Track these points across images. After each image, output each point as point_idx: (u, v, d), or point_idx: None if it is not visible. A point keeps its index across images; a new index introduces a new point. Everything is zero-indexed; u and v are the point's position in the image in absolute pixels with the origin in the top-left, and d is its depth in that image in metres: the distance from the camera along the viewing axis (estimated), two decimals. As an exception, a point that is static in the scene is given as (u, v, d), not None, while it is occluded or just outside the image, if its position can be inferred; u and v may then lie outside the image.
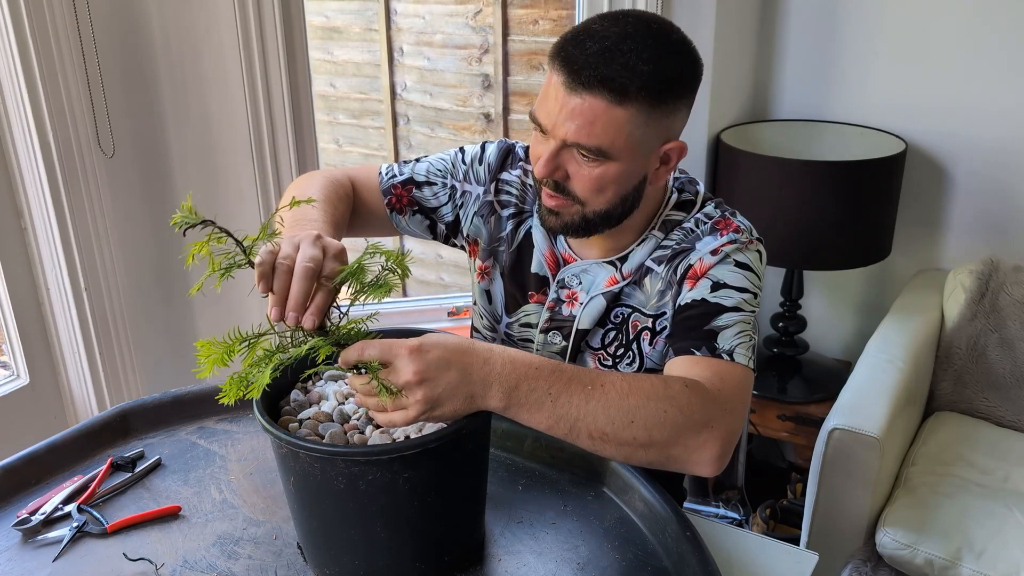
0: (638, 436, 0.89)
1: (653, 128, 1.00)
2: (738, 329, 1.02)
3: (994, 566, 1.51)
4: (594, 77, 0.95)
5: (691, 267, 1.07)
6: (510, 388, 0.86)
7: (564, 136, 0.99)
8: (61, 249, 1.63)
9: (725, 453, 0.93)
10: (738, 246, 1.07)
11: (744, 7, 2.18)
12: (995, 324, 1.91)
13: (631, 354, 1.15)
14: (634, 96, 0.96)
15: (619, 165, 1.01)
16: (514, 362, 0.87)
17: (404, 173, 1.23)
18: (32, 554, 0.95)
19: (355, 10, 3.52)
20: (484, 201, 1.22)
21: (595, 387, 0.89)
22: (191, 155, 1.79)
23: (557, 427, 0.88)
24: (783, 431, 2.12)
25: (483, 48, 3.26)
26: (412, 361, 0.82)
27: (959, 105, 2.10)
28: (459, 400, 0.84)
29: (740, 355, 1.00)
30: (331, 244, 0.87)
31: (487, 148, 1.24)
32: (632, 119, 0.97)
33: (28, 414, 1.71)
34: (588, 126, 0.97)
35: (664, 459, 0.91)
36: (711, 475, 0.93)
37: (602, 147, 0.98)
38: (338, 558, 0.87)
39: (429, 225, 1.24)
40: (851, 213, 1.97)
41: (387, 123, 3.60)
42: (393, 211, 1.23)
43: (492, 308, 1.25)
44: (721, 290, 1.04)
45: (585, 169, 1.01)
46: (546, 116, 1.01)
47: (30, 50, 1.51)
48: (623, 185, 1.03)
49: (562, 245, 1.18)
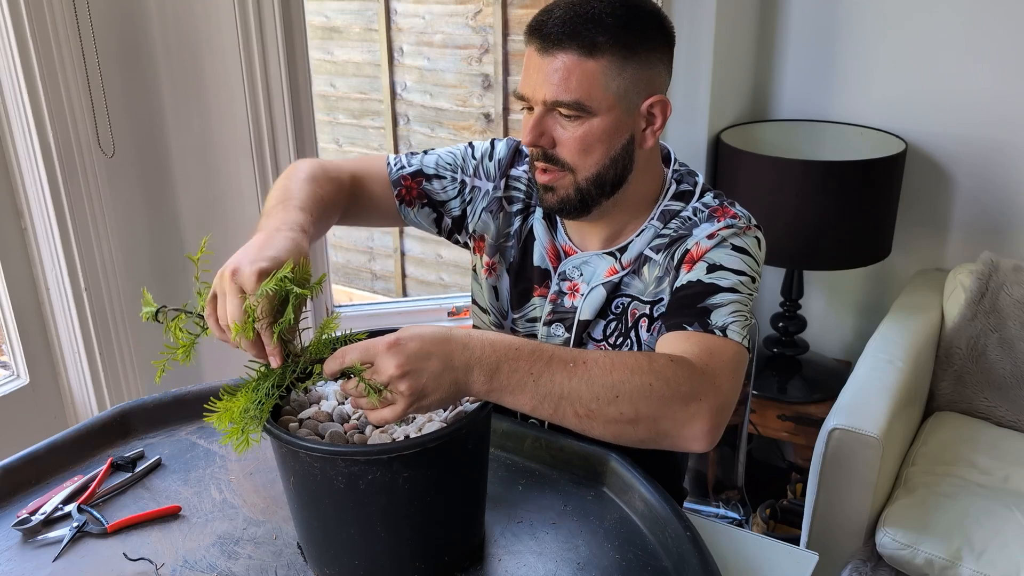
0: (624, 411, 0.88)
1: (629, 81, 1.03)
2: (733, 308, 1.02)
3: (994, 566, 1.51)
4: (563, 34, 1.00)
5: (688, 251, 1.08)
6: (491, 371, 0.86)
7: (544, 97, 1.03)
8: (61, 249, 1.63)
9: (716, 427, 0.92)
10: (735, 231, 1.08)
11: (744, 7, 2.18)
12: (995, 324, 1.91)
13: (629, 342, 1.15)
14: (604, 47, 1.00)
15: (601, 120, 1.03)
16: (494, 345, 0.87)
17: (413, 165, 1.23)
18: (32, 554, 0.95)
19: (355, 10, 3.52)
20: (493, 197, 1.23)
21: (577, 364, 0.89)
22: (191, 155, 1.79)
23: (542, 407, 0.88)
24: (783, 431, 2.12)
25: (483, 48, 3.26)
26: (393, 356, 0.82)
27: (959, 105, 2.10)
28: (445, 388, 0.84)
29: (734, 332, 1.00)
30: (246, 281, 0.84)
31: (497, 144, 1.24)
32: (606, 70, 1.01)
33: (28, 414, 1.71)
34: (563, 82, 1.01)
35: (655, 435, 0.91)
36: (704, 450, 0.92)
37: (580, 100, 1.01)
38: (338, 558, 0.87)
39: (436, 218, 1.25)
40: (851, 213, 1.97)
41: (387, 123, 3.60)
42: (403, 203, 1.23)
43: (499, 304, 1.25)
44: (717, 271, 1.05)
45: (569, 130, 1.04)
46: (527, 86, 1.05)
47: (30, 50, 1.51)
48: (609, 144, 1.05)
49: (562, 237, 1.19)
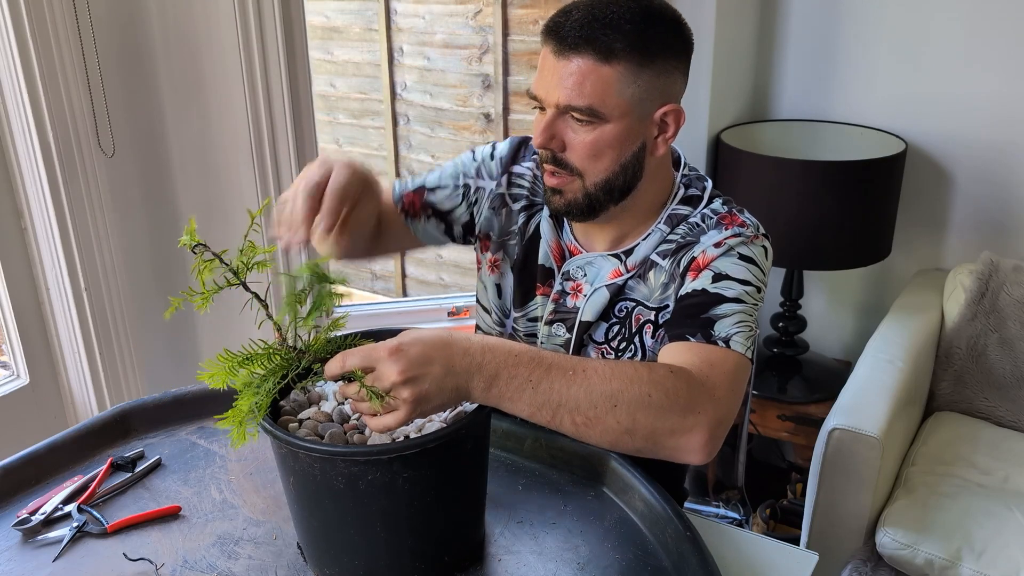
0: (622, 420, 0.88)
1: (644, 89, 1.02)
2: (737, 319, 1.01)
3: (994, 566, 1.51)
4: (580, 38, 0.99)
5: (694, 259, 1.07)
6: (491, 377, 0.86)
7: (557, 100, 1.02)
8: (61, 249, 1.63)
9: (714, 439, 0.92)
10: (743, 240, 1.07)
11: (744, 7, 2.18)
12: (995, 324, 1.91)
13: (633, 347, 1.14)
14: (620, 54, 0.99)
15: (613, 127, 1.03)
16: (493, 350, 0.87)
17: (416, 182, 1.25)
18: (32, 554, 0.95)
19: (355, 10, 3.51)
20: (496, 194, 1.23)
21: (576, 372, 0.89)
22: (191, 155, 1.79)
23: (540, 413, 0.88)
24: (783, 431, 2.12)
25: (483, 48, 3.26)
26: (395, 362, 0.82)
27: (959, 105, 2.10)
28: (447, 393, 0.84)
29: (737, 343, 1.00)
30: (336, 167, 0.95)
31: (498, 145, 1.25)
32: (621, 77, 1.00)
33: (28, 414, 1.71)
34: (578, 87, 1.00)
35: (651, 445, 0.91)
36: (700, 462, 0.92)
37: (593, 106, 1.01)
38: (338, 558, 0.87)
39: (445, 229, 1.25)
40: (851, 213, 1.97)
41: (387, 123, 3.60)
42: (408, 217, 1.24)
43: (501, 303, 1.25)
44: (723, 281, 1.04)
45: (581, 135, 1.03)
46: (540, 87, 1.04)
47: (30, 50, 1.51)
48: (620, 151, 1.05)
49: (568, 237, 1.18)
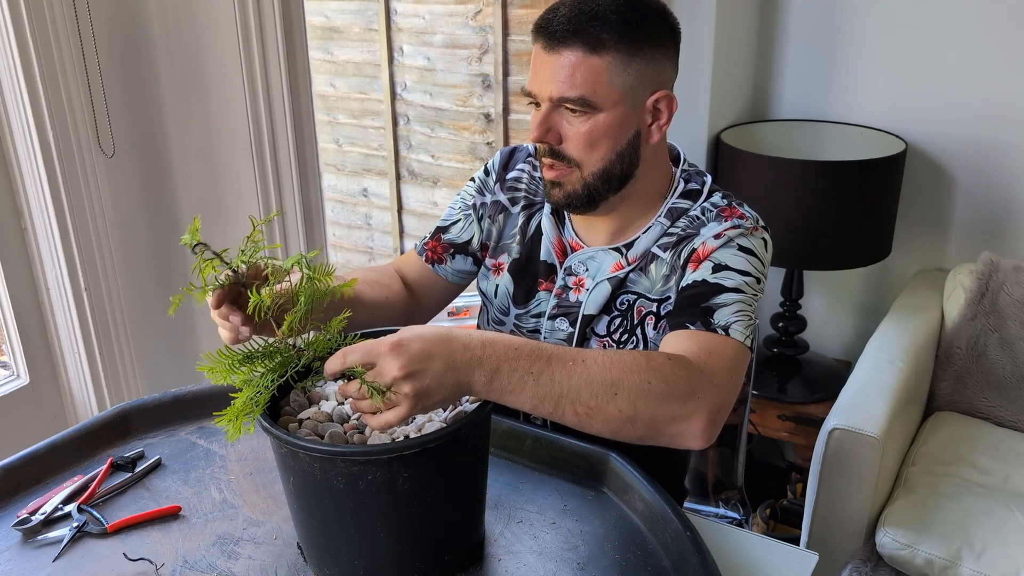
0: (623, 409, 0.89)
1: (635, 76, 1.04)
2: (736, 308, 1.03)
3: (994, 566, 1.51)
4: (568, 32, 1.02)
5: (694, 251, 1.09)
6: (492, 370, 0.86)
7: (550, 94, 1.05)
8: (61, 249, 1.63)
9: (713, 424, 0.93)
10: (742, 231, 1.08)
11: (744, 7, 2.18)
12: (995, 324, 1.91)
13: (635, 339, 1.15)
14: (608, 44, 1.02)
15: (607, 116, 1.05)
16: (494, 344, 0.87)
17: (431, 230, 1.30)
18: (32, 554, 0.95)
19: (355, 10, 3.51)
20: (492, 202, 1.25)
21: (576, 363, 0.89)
22: (191, 155, 1.79)
23: (542, 405, 0.89)
24: (783, 431, 2.12)
25: (483, 48, 3.26)
26: (395, 357, 0.82)
27: (959, 105, 2.10)
28: (448, 388, 0.84)
29: (736, 331, 1.01)
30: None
31: (490, 161, 1.29)
32: (610, 66, 1.03)
33: (28, 414, 1.71)
34: (569, 78, 1.03)
35: (652, 432, 0.92)
36: (700, 447, 0.94)
37: (585, 96, 1.03)
38: (338, 558, 0.87)
39: (473, 261, 1.29)
40: (851, 213, 1.97)
41: (387, 123, 3.59)
42: (434, 264, 1.28)
43: (500, 302, 1.26)
44: (722, 271, 1.06)
45: (575, 126, 1.06)
46: (534, 83, 1.07)
47: (30, 50, 1.51)
48: (615, 139, 1.07)
49: (569, 233, 1.20)
